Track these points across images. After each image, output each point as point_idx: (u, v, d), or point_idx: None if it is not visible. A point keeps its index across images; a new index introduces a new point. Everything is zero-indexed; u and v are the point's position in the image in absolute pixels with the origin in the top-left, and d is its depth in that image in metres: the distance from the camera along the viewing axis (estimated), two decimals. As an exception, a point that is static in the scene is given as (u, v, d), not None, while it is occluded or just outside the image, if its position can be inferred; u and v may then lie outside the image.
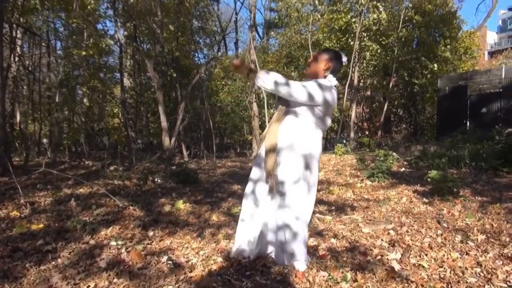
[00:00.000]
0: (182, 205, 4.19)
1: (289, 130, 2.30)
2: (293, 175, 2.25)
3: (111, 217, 3.65)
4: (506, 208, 3.80)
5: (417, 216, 3.64)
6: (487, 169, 6.07)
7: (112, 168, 8.48)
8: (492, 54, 38.42)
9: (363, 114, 23.74)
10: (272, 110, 16.45)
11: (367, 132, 22.32)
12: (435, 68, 16.38)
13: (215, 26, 18.74)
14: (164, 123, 9.48)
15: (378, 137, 17.29)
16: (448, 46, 17.09)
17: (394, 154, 7.99)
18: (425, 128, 19.83)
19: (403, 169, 7.44)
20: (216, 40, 18.78)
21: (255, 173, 2.39)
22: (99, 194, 4.74)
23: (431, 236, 2.97)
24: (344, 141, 15.37)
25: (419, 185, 5.29)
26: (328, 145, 18.90)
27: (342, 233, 3.12)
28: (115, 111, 17.25)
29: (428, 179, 4.56)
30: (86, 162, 9.78)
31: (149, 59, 9.92)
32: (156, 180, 6.48)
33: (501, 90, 14.42)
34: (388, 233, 3.09)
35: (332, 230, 3.24)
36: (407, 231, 3.12)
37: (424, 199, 4.37)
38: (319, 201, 4.58)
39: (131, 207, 4.07)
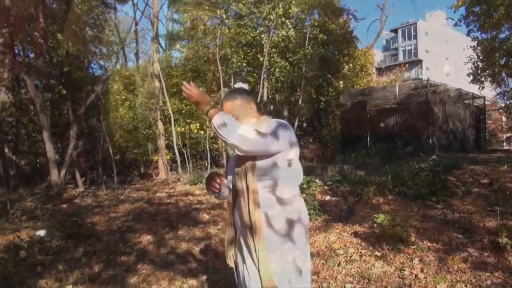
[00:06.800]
0: (72, 294, 2.99)
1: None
2: None
3: None
4: (465, 261, 3.42)
5: (380, 285, 3.04)
6: (415, 197, 5.90)
7: (-23, 215, 6.57)
8: (378, 70, 42.25)
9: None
10: (179, 128, 15.21)
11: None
12: (341, 86, 16.96)
13: (113, 35, 16.92)
14: (50, 153, 7.69)
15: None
16: (351, 65, 17.92)
17: (317, 180, 7.58)
18: (329, 141, 20.46)
19: (328, 197, 7.05)
20: (115, 51, 16.91)
21: None
22: None
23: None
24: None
25: (357, 225, 4.81)
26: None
27: None
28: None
29: (375, 224, 4.07)
30: None
31: (29, 75, 8.06)
32: (39, 234, 5.00)
33: (396, 105, 15.41)
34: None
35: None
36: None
37: (375, 252, 3.83)
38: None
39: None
